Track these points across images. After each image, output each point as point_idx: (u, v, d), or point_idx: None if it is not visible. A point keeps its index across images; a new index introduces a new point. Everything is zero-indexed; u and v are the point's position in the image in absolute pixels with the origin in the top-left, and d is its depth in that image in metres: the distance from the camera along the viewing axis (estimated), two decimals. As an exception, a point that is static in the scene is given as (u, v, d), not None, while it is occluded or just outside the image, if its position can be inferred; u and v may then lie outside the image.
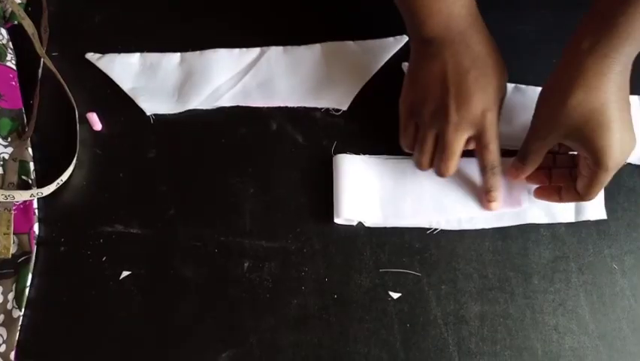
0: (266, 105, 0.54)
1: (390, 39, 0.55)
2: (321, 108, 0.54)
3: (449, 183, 0.50)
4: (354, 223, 0.50)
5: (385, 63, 0.55)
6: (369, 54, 0.55)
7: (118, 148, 0.53)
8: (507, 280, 0.48)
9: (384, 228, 0.50)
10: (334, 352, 0.47)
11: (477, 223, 0.50)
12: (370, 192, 0.50)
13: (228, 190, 0.52)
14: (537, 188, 0.49)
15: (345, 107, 0.53)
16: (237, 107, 0.54)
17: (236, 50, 0.56)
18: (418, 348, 0.47)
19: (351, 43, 0.55)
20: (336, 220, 0.50)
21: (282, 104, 0.54)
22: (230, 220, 0.51)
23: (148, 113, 0.54)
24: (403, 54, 0.55)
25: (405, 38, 0.55)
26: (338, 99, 0.53)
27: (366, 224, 0.50)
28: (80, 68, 0.55)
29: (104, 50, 0.56)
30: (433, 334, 0.47)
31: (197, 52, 0.55)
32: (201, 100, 0.54)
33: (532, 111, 0.51)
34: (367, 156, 0.51)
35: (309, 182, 0.51)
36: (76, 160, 0.52)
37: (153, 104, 0.54)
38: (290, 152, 0.52)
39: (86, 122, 0.53)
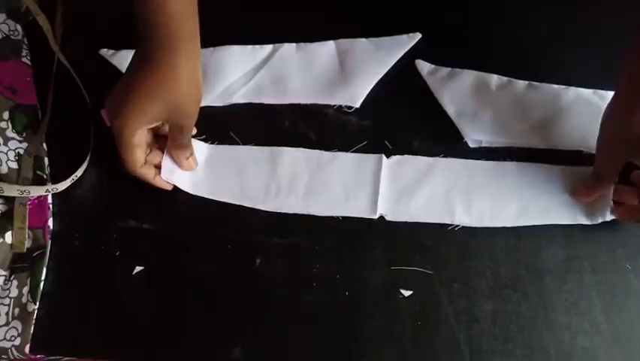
0: (278, 102, 0.54)
1: (404, 36, 0.55)
2: (334, 105, 0.54)
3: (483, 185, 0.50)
4: (376, 217, 0.50)
5: (398, 60, 0.54)
6: (382, 51, 0.55)
7: (131, 144, 0.53)
8: (520, 278, 0.48)
9: (396, 225, 0.50)
10: (345, 349, 0.47)
11: (499, 221, 0.49)
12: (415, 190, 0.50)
13: (241, 187, 0.52)
14: (621, 208, 0.48)
15: (357, 105, 0.53)
16: (250, 104, 0.54)
17: (249, 47, 0.56)
18: (430, 346, 0.47)
19: (364, 40, 0.55)
20: (374, 216, 0.50)
21: (294, 101, 0.54)
22: (243, 216, 0.51)
23: (161, 110, 0.54)
24: (415, 51, 0.55)
25: (418, 35, 0.55)
26: (351, 96, 0.53)
27: (388, 218, 0.50)
28: (94, 64, 0.56)
29: (117, 46, 0.56)
30: (445, 332, 0.47)
31: (210, 49, 0.55)
32: (214, 97, 0.54)
33: (545, 108, 0.51)
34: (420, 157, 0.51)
35: (322, 179, 0.51)
36: (91, 156, 0.53)
37: None
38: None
39: (100, 119, 0.54)
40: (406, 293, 0.48)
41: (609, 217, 0.48)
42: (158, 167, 0.50)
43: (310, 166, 0.51)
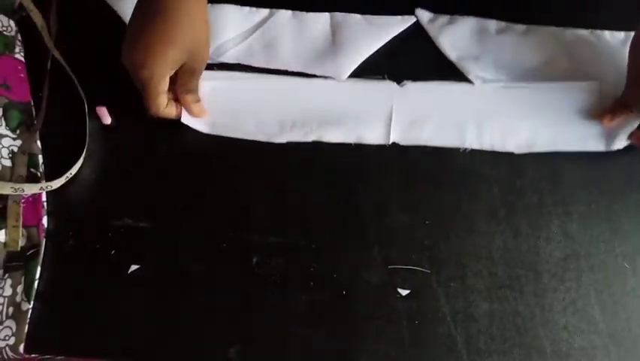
0: (268, 67, 0.54)
1: (398, 17, 0.56)
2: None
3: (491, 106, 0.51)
4: (389, 142, 0.51)
5: (389, 41, 0.55)
6: (374, 29, 0.56)
7: (127, 142, 0.53)
8: (517, 278, 0.48)
9: (393, 224, 0.50)
10: (342, 348, 0.47)
11: (508, 146, 0.50)
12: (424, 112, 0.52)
13: (237, 184, 0.51)
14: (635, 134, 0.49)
15: (343, 78, 0.53)
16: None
17: (246, 9, 0.56)
18: (427, 346, 0.47)
19: (358, 16, 0.56)
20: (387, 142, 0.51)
21: (283, 68, 0.54)
22: (239, 215, 0.50)
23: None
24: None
25: (412, 18, 0.56)
26: (338, 69, 0.54)
27: (401, 144, 0.51)
28: (90, 61, 0.55)
29: (112, 45, 0.55)
30: (442, 331, 0.47)
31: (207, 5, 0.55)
32: None
33: (545, 49, 0.53)
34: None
35: (319, 177, 0.51)
36: (86, 153, 0.52)
37: None
38: (299, 146, 0.52)
39: (95, 116, 0.53)
40: (404, 292, 0.48)
41: (623, 144, 0.49)
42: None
43: (324, 94, 0.53)
